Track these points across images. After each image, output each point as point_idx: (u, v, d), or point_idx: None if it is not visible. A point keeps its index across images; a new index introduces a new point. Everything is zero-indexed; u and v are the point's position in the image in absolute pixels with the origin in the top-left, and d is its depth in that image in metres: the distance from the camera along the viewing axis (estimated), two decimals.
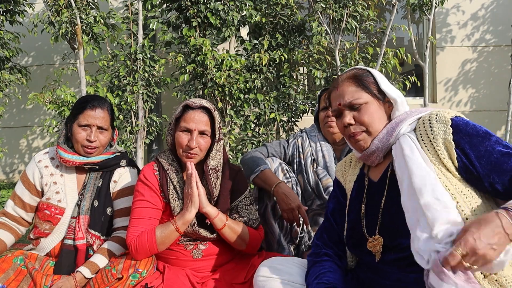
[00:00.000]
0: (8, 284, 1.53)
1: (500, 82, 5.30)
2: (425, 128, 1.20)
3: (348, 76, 1.32)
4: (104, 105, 1.81)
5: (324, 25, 4.08)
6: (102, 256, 1.67)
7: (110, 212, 1.82)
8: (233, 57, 3.97)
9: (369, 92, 1.28)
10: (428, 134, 1.19)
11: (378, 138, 1.27)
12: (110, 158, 1.84)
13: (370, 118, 1.26)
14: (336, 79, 1.36)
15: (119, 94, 4.01)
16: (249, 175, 2.06)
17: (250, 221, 1.75)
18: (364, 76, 1.31)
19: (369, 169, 1.38)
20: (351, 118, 1.28)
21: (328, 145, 2.17)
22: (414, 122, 1.25)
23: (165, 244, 1.60)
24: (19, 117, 5.74)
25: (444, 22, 5.46)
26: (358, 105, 1.27)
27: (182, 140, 1.63)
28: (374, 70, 1.34)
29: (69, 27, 3.98)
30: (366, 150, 1.29)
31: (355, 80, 1.30)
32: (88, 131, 1.76)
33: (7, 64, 4.56)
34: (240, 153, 4.07)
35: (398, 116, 1.28)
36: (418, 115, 1.25)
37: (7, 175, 5.80)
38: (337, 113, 1.34)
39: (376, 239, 1.25)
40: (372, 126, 1.27)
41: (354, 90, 1.29)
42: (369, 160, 1.31)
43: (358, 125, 1.28)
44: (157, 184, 1.67)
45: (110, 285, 1.48)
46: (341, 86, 1.31)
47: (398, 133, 1.24)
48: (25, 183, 1.80)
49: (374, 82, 1.30)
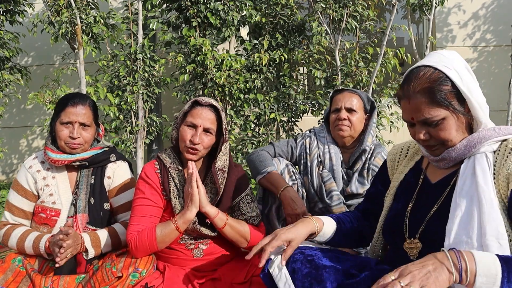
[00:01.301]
0: (7, 285, 1.52)
1: (500, 82, 5.29)
2: (504, 157, 1.11)
3: (422, 88, 1.14)
4: (86, 102, 1.80)
5: (324, 25, 4.08)
6: (105, 231, 1.71)
7: (107, 207, 1.82)
8: (233, 57, 3.97)
9: (446, 107, 1.13)
10: (503, 164, 1.10)
11: (455, 149, 1.17)
12: (98, 153, 1.84)
13: (447, 134, 1.15)
14: (407, 84, 1.17)
15: (119, 94, 4.01)
16: (255, 175, 2.05)
17: (251, 218, 1.76)
18: (440, 87, 1.12)
19: (427, 166, 1.31)
20: (426, 133, 1.17)
21: (337, 148, 2.13)
22: (497, 143, 1.15)
23: (165, 242, 1.60)
24: (19, 117, 5.73)
25: (444, 22, 5.46)
26: (434, 122, 1.14)
27: (186, 134, 1.64)
28: (452, 71, 1.14)
29: (69, 27, 3.97)
30: (439, 156, 1.21)
31: (430, 94, 1.13)
32: (70, 128, 1.75)
33: (7, 64, 4.56)
34: (240, 153, 4.07)
35: (482, 130, 1.16)
36: (506, 136, 1.14)
37: (7, 175, 5.80)
38: (409, 123, 1.22)
39: (415, 243, 1.21)
40: (450, 141, 1.17)
41: (428, 107, 1.13)
42: (436, 163, 1.24)
43: (433, 140, 1.18)
44: (158, 181, 1.68)
45: (110, 284, 1.48)
46: (414, 99, 1.15)
47: (477, 150, 1.15)
48: (20, 191, 1.78)
49: (452, 91, 1.13)
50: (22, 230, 1.72)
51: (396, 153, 1.44)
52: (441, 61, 1.16)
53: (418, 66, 1.18)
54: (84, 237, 1.65)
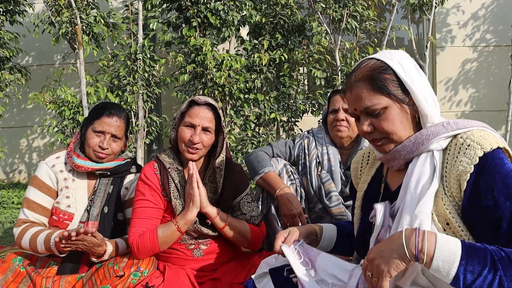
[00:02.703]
0: (7, 286, 1.52)
1: (500, 82, 5.30)
2: (454, 156, 1.05)
3: (362, 76, 1.12)
4: (122, 114, 1.81)
5: (324, 25, 4.08)
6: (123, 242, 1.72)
7: (121, 217, 1.82)
8: (233, 57, 3.97)
9: (388, 95, 1.09)
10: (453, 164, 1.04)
11: (403, 145, 1.12)
12: (121, 164, 1.84)
13: (390, 126, 1.10)
14: (349, 77, 1.16)
15: (119, 94, 4.01)
16: (253, 175, 2.06)
17: (252, 218, 1.76)
18: (381, 74, 1.10)
19: (387, 172, 1.26)
20: (369, 125, 1.12)
21: (335, 148, 2.13)
22: (447, 140, 1.09)
23: (167, 243, 1.60)
24: (19, 117, 5.74)
25: (444, 22, 5.46)
26: (376, 111, 1.10)
27: (185, 134, 1.64)
28: (394, 62, 1.11)
29: (69, 27, 3.98)
30: (387, 154, 1.15)
31: (370, 81, 1.10)
32: (101, 138, 1.76)
33: (7, 64, 4.56)
34: (240, 153, 4.07)
35: (430, 126, 1.10)
36: (455, 131, 1.07)
37: (7, 175, 5.80)
38: (354, 116, 1.18)
39: None
40: (394, 134, 1.11)
41: (369, 94, 1.10)
42: (389, 163, 1.18)
43: (377, 132, 1.13)
44: (158, 183, 1.68)
45: (112, 282, 1.48)
46: (355, 88, 1.12)
47: (425, 148, 1.10)
48: (43, 188, 1.76)
49: (393, 80, 1.10)
50: (37, 228, 1.70)
51: (358, 161, 1.39)
52: (385, 55, 1.14)
53: (363, 60, 1.17)
54: (108, 246, 1.64)
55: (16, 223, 1.74)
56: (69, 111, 3.92)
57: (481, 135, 1.03)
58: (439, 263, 0.91)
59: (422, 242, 0.92)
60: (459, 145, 1.05)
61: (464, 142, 1.04)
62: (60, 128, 4.05)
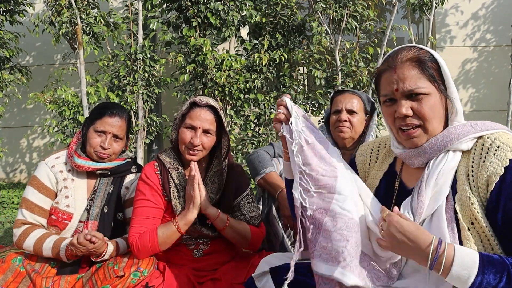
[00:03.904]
0: (7, 286, 1.52)
1: (500, 82, 5.30)
2: (482, 157, 1.04)
3: (411, 57, 1.09)
4: (123, 114, 1.81)
5: (324, 25, 4.08)
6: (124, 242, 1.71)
7: (121, 217, 1.82)
8: (233, 57, 3.97)
9: (434, 82, 1.07)
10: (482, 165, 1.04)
11: (431, 142, 1.10)
12: (122, 164, 1.84)
13: (431, 112, 1.08)
14: (393, 56, 1.12)
15: (119, 94, 4.01)
16: (254, 175, 2.05)
17: (252, 218, 1.76)
18: (428, 63, 1.08)
19: (402, 169, 1.23)
20: (409, 108, 1.08)
21: (337, 149, 2.13)
22: (473, 141, 1.08)
23: (167, 244, 1.60)
24: (19, 117, 5.74)
25: (444, 22, 5.46)
26: (420, 94, 1.07)
27: (185, 136, 1.64)
28: (438, 56, 1.11)
29: (69, 27, 3.98)
30: (411, 150, 1.13)
31: (419, 63, 1.08)
32: (103, 138, 1.76)
33: (7, 64, 4.56)
34: (240, 153, 4.07)
35: (459, 125, 1.10)
36: (483, 132, 1.07)
37: (7, 175, 5.80)
38: (390, 99, 1.13)
39: None
40: (431, 123, 1.09)
41: (417, 76, 1.07)
42: (410, 160, 1.15)
43: (416, 117, 1.09)
44: (158, 182, 1.67)
45: (112, 282, 1.48)
46: (401, 68, 1.08)
47: (452, 147, 1.09)
48: (41, 189, 1.76)
49: (438, 70, 1.09)
50: (42, 232, 1.70)
51: (366, 154, 1.36)
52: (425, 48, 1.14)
53: (403, 46, 1.14)
54: (108, 246, 1.64)
55: (15, 224, 1.74)
56: (69, 111, 3.92)
57: (509, 138, 1.04)
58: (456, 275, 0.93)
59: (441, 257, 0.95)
60: (487, 146, 1.04)
61: (492, 143, 1.04)
62: (60, 128, 4.05)
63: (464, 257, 0.95)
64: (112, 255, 1.65)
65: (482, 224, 1.02)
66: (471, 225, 1.03)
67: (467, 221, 1.04)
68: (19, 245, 1.69)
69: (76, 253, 1.57)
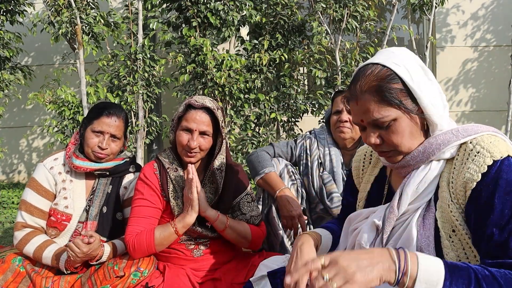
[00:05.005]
0: (7, 286, 1.52)
1: (500, 82, 5.30)
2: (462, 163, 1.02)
3: (368, 87, 1.04)
4: (121, 114, 1.80)
5: (324, 25, 4.08)
6: (122, 244, 1.70)
7: (120, 217, 1.81)
8: (233, 57, 3.97)
9: (397, 106, 1.03)
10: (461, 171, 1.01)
11: (412, 155, 1.08)
12: (120, 164, 1.83)
13: (399, 138, 1.05)
14: (353, 85, 1.09)
15: (119, 94, 4.01)
16: (253, 175, 2.05)
17: (252, 218, 1.75)
18: (389, 84, 1.03)
19: (391, 173, 1.22)
20: (377, 138, 1.08)
21: (337, 149, 2.12)
22: (455, 148, 1.05)
23: (164, 245, 1.60)
24: (19, 117, 5.73)
25: (444, 22, 5.46)
26: (385, 123, 1.04)
27: (182, 139, 1.63)
28: (401, 68, 1.04)
29: (69, 27, 3.97)
30: (400, 162, 1.11)
31: (378, 92, 1.03)
32: (100, 138, 1.75)
33: (7, 64, 4.56)
34: (240, 153, 4.07)
35: (440, 135, 1.06)
36: (466, 138, 1.04)
37: (7, 175, 5.80)
38: (360, 126, 1.12)
39: None
40: (403, 145, 1.07)
41: (377, 106, 1.03)
42: (397, 170, 1.14)
43: (386, 145, 1.08)
44: (157, 183, 1.67)
45: (112, 283, 1.48)
46: (361, 100, 1.06)
47: (436, 157, 1.06)
48: (40, 191, 1.75)
49: (402, 89, 1.03)
50: (42, 239, 1.69)
51: (360, 159, 1.35)
52: (390, 58, 1.06)
53: (366, 64, 1.09)
54: (105, 248, 1.63)
55: (15, 226, 1.73)
56: (69, 111, 3.92)
57: (492, 142, 1.00)
58: (423, 286, 0.87)
59: (406, 264, 0.87)
60: (468, 151, 1.01)
61: (473, 148, 1.01)
62: (60, 128, 4.05)
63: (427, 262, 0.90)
64: (110, 257, 1.64)
65: (462, 232, 1.00)
66: (453, 232, 1.01)
67: (448, 229, 1.01)
68: (19, 248, 1.69)
69: (72, 258, 1.55)
